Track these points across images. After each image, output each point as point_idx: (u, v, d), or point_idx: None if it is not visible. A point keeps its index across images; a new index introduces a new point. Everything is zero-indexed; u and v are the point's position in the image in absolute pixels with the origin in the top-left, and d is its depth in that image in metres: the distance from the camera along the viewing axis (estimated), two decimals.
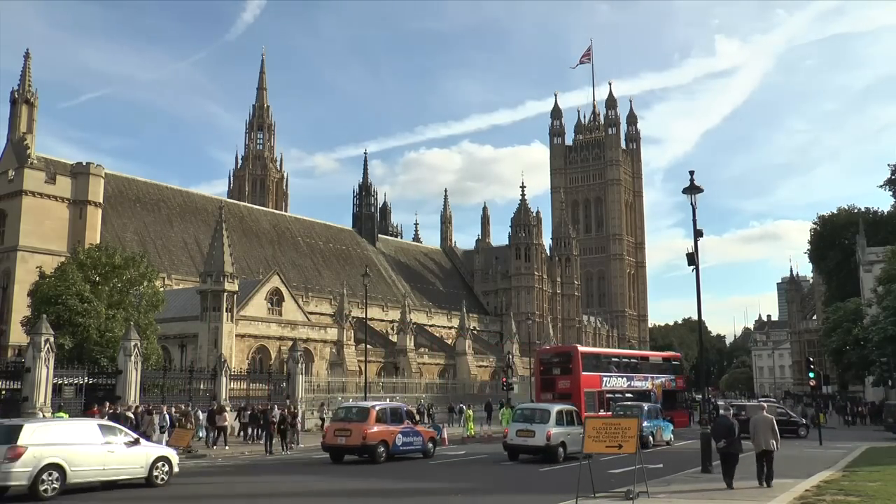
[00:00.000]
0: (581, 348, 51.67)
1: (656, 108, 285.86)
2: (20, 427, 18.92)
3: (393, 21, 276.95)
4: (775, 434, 19.48)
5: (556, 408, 29.78)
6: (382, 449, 28.45)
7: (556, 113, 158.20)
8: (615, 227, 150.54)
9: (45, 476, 18.31)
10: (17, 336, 50.42)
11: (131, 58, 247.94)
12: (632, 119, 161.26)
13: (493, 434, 45.09)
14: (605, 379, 46.28)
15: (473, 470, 26.98)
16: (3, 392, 33.60)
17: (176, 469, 21.82)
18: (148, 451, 21.29)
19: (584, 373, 44.89)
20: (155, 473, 20.88)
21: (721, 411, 32.14)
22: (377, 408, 29.88)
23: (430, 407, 54.57)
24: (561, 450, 28.20)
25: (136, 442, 21.02)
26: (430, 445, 31.18)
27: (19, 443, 18.22)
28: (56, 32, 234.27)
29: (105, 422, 23.04)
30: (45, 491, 18.28)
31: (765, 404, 28.02)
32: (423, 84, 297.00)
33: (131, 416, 31.19)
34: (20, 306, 52.78)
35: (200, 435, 36.44)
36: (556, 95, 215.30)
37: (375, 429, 28.54)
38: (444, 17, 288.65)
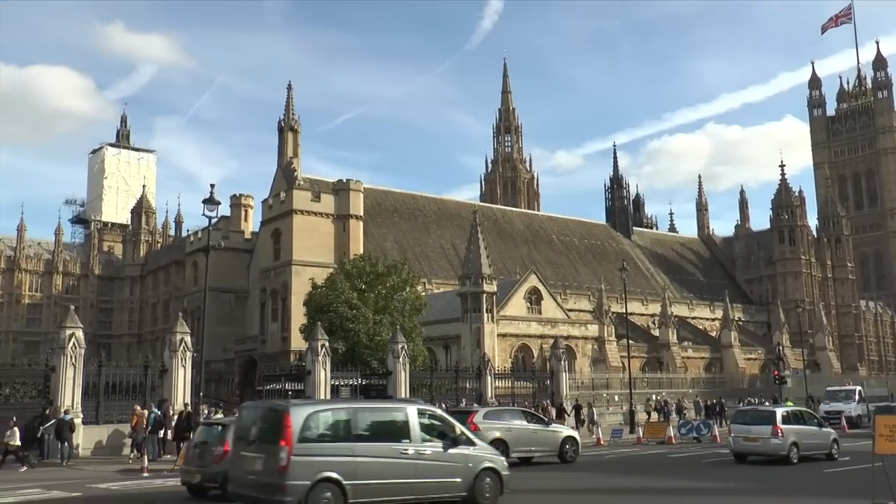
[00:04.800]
0: None
1: None
2: None
3: (629, 8, 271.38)
4: None
5: None
6: None
7: (815, 82, 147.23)
8: (892, 201, 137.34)
9: None
10: (297, 342, 54.10)
11: (379, 77, 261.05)
12: None
13: None
14: None
15: (750, 470, 25.04)
16: (290, 392, 36.23)
17: None
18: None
19: None
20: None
21: None
22: None
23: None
24: None
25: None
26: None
27: None
28: (313, 63, 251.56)
29: None
30: None
31: None
32: (667, 69, 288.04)
33: None
34: (297, 315, 56.60)
35: None
36: (812, 64, 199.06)
37: None
38: None
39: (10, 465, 25.30)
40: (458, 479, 14.89)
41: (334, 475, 13.45)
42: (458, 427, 15.90)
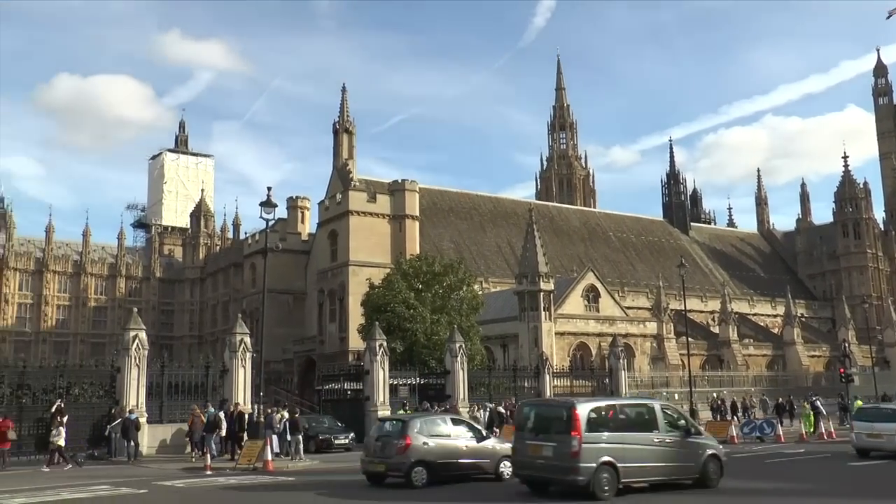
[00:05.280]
0: None
1: None
2: None
3: (684, 1, 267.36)
4: None
5: None
6: None
7: (880, 70, 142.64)
8: None
9: None
10: (355, 342, 54.43)
11: (433, 77, 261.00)
12: None
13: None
14: None
15: (812, 469, 24.31)
16: (349, 392, 36.44)
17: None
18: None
19: None
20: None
21: None
22: None
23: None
24: None
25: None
26: None
27: None
28: (367, 65, 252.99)
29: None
30: None
31: None
32: (722, 61, 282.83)
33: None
34: (355, 315, 57.01)
35: None
36: (877, 50, 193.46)
37: None
38: None
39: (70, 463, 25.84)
40: (692, 464, 17.56)
41: (610, 459, 16.13)
42: (690, 420, 18.80)
